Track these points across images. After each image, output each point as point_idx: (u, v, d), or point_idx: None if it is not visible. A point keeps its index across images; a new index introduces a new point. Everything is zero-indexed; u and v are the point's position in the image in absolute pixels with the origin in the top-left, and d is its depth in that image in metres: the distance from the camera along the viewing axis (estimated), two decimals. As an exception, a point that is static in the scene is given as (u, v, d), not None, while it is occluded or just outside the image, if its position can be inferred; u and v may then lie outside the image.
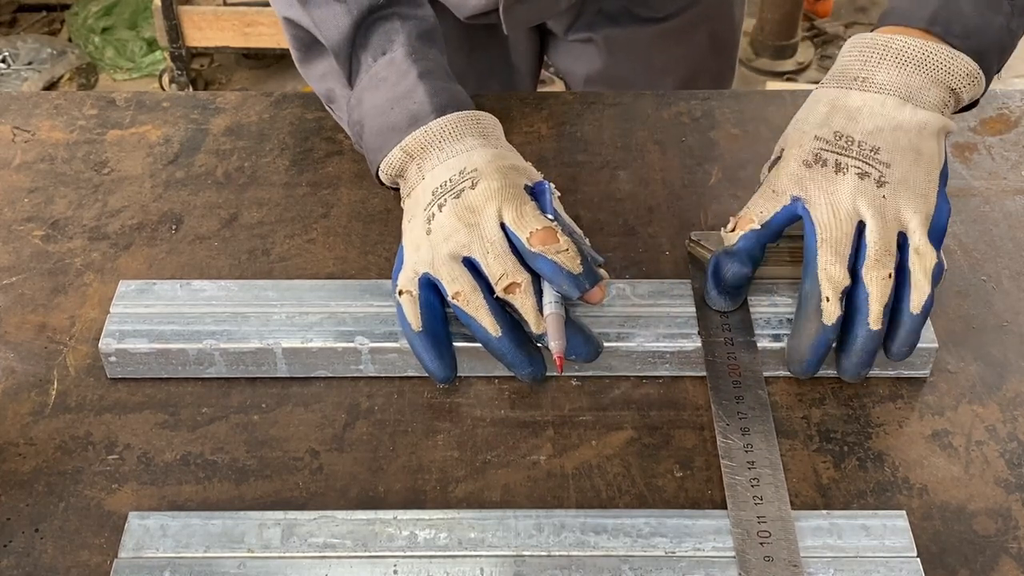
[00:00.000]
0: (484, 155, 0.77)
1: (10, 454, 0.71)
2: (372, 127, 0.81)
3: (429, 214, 0.75)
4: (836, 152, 0.74)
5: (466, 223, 0.73)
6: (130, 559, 0.63)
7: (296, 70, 0.92)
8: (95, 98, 1.01)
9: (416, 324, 0.72)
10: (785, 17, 2.88)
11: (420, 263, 0.74)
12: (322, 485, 0.69)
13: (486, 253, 0.72)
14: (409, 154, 0.78)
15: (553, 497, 0.68)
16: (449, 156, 0.77)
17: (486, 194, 0.74)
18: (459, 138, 0.78)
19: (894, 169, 0.73)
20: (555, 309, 0.71)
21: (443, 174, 0.76)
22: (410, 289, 0.73)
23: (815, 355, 0.72)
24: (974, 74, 0.76)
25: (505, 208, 0.73)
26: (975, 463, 0.70)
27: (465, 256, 0.73)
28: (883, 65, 0.76)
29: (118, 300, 0.77)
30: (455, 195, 0.74)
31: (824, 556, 0.63)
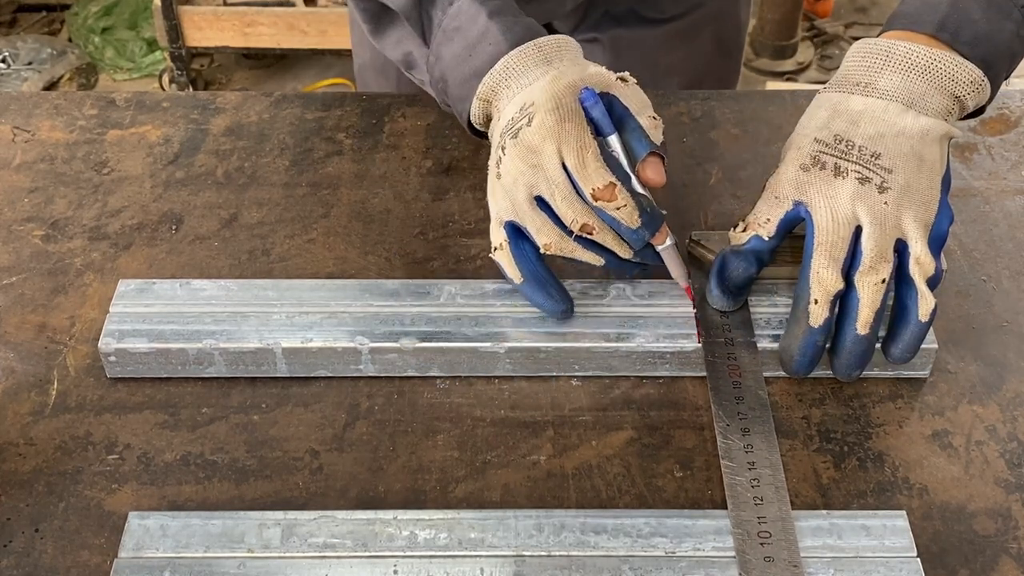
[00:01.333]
0: (542, 84, 0.76)
1: (10, 454, 0.71)
2: (455, 79, 0.80)
3: (496, 158, 0.76)
4: (835, 156, 0.74)
5: (529, 164, 0.74)
6: (130, 559, 0.63)
7: (296, 70, 0.93)
8: (95, 98, 1.01)
9: (517, 276, 0.75)
10: (785, 17, 2.88)
11: (502, 211, 0.75)
12: (322, 485, 0.69)
13: (553, 195, 0.73)
14: (486, 100, 0.79)
15: (553, 497, 0.68)
16: (515, 93, 0.77)
17: (541, 132, 0.74)
18: (524, 72, 0.78)
19: (896, 175, 0.73)
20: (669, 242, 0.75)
21: (509, 113, 0.77)
22: (501, 242, 0.75)
23: (803, 355, 0.72)
24: (979, 82, 0.76)
25: (565, 151, 0.73)
26: (975, 463, 0.70)
27: (536, 196, 0.74)
28: (886, 71, 0.76)
29: (118, 299, 0.77)
30: (513, 135, 0.75)
31: (824, 556, 0.63)
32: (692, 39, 1.16)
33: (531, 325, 0.75)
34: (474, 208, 0.89)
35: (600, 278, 0.79)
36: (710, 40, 1.18)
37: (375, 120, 0.98)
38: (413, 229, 0.87)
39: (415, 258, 0.85)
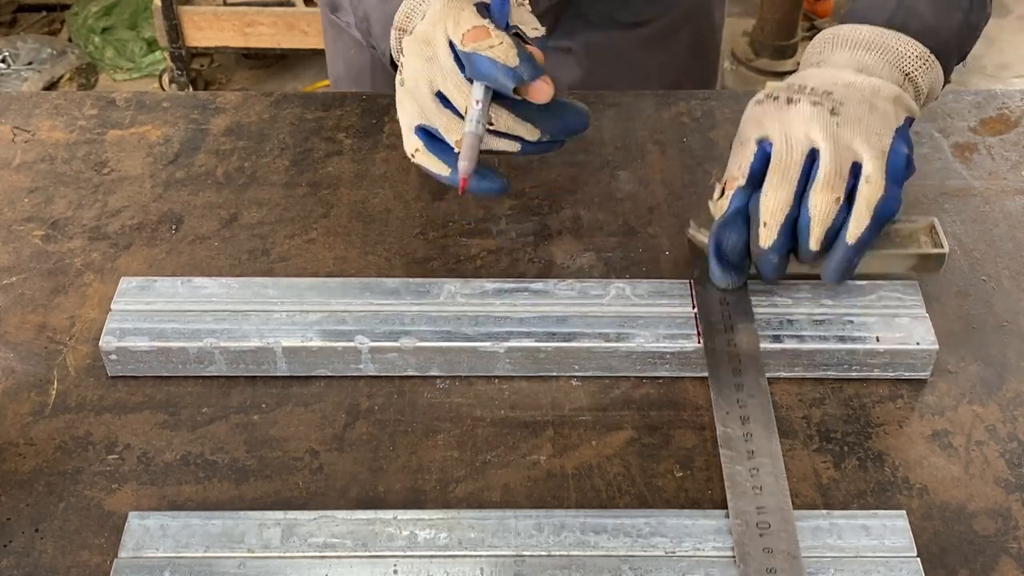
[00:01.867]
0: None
1: (10, 454, 0.71)
2: (377, 17, 0.81)
3: (400, 63, 0.75)
4: (788, 92, 0.76)
5: (425, 58, 0.74)
6: (130, 559, 0.63)
7: (296, 70, 0.92)
8: (95, 98, 1.01)
9: (443, 168, 0.74)
10: (785, 17, 2.88)
11: (410, 117, 0.75)
12: (322, 485, 0.69)
13: (448, 85, 0.73)
14: (402, 29, 0.79)
15: (553, 497, 0.68)
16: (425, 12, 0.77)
17: (432, 19, 0.74)
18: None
19: (847, 107, 0.75)
20: (474, 129, 0.72)
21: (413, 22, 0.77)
22: (417, 147, 0.75)
23: (765, 271, 0.75)
24: (925, 57, 0.78)
25: (449, 24, 0.73)
26: (975, 463, 0.70)
27: (437, 91, 0.73)
28: (837, 49, 0.80)
29: (119, 297, 0.77)
30: (409, 32, 0.76)
31: (824, 556, 0.63)
32: (667, 42, 1.16)
33: (531, 325, 0.75)
34: (474, 208, 0.89)
35: (600, 278, 0.79)
36: (686, 42, 1.17)
37: (375, 120, 0.98)
38: (413, 229, 0.87)
39: (415, 258, 0.85)
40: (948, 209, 0.88)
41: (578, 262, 0.84)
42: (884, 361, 0.74)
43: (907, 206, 0.87)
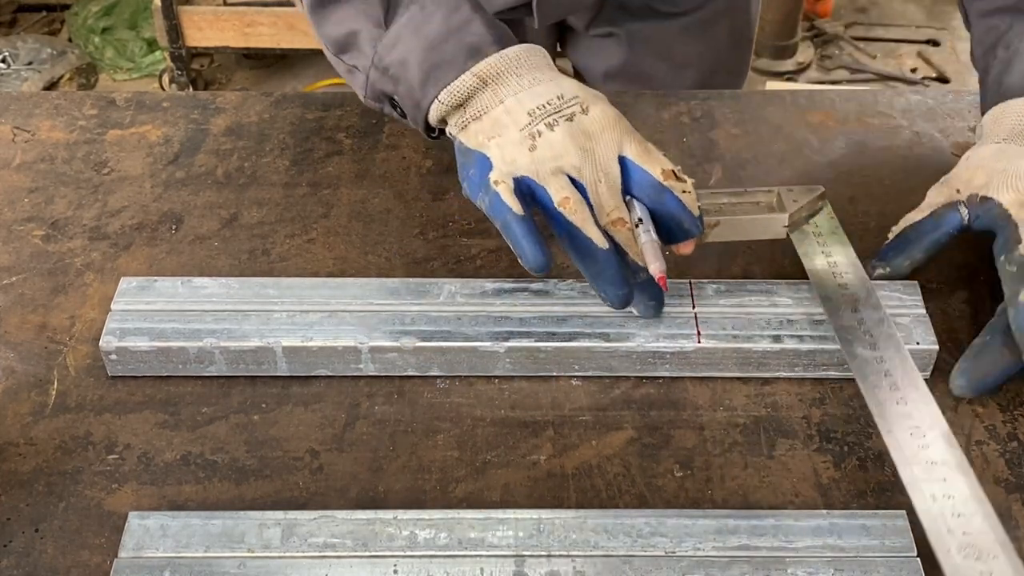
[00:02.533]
0: (575, 84, 0.76)
1: (10, 454, 0.71)
2: (421, 63, 0.77)
3: (533, 131, 0.73)
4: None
5: (580, 146, 0.73)
6: (130, 559, 0.63)
7: (295, 70, 0.92)
8: (95, 98, 1.01)
9: (518, 207, 0.71)
10: (785, 17, 2.88)
11: (519, 168, 0.73)
12: (322, 485, 0.69)
13: (598, 181, 0.73)
14: (482, 79, 0.76)
15: (553, 497, 0.68)
16: (533, 83, 0.76)
17: (603, 122, 0.74)
18: (536, 68, 0.77)
19: None
20: (653, 237, 0.73)
21: (533, 99, 0.75)
22: (506, 181, 0.72)
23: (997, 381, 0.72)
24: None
25: (627, 141, 0.74)
26: (975, 463, 0.70)
27: (573, 177, 0.73)
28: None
29: (119, 297, 0.77)
30: (567, 118, 0.74)
31: (824, 556, 0.63)
32: (706, 32, 1.17)
33: (531, 325, 0.75)
34: (474, 208, 0.89)
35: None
36: (724, 33, 1.18)
37: (375, 120, 0.98)
38: (413, 229, 0.87)
39: (415, 258, 0.85)
40: (948, 209, 0.88)
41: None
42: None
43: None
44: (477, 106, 0.76)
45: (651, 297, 0.74)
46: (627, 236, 0.73)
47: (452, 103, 0.77)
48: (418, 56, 0.77)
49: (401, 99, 0.79)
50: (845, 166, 0.93)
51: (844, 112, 0.99)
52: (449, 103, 0.77)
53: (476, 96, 0.76)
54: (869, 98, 1.01)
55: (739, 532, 0.64)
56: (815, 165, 0.94)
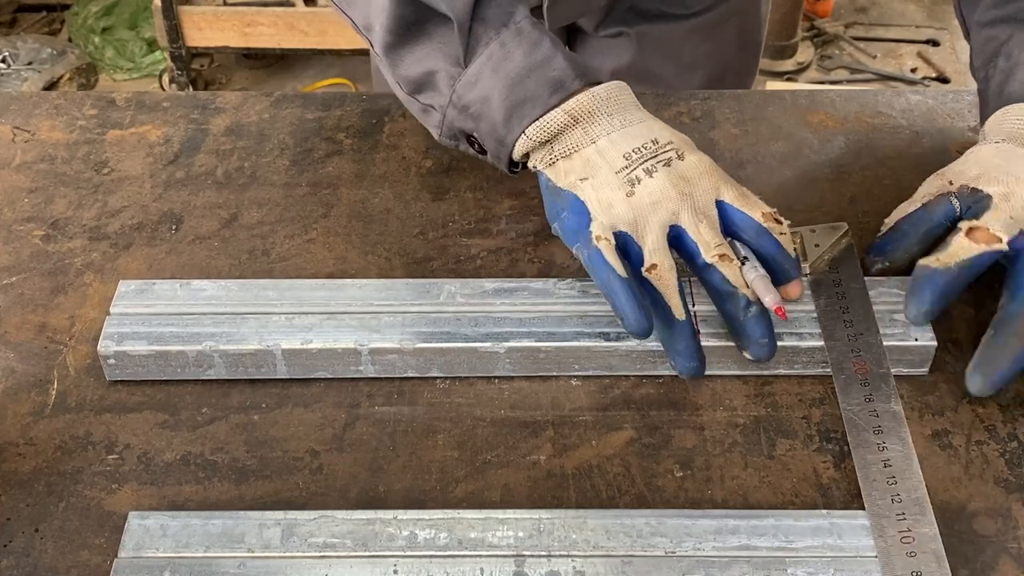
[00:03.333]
0: (667, 129, 0.77)
1: (10, 454, 0.71)
2: (504, 99, 0.77)
3: (631, 177, 0.74)
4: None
5: (680, 191, 0.73)
6: (130, 559, 0.63)
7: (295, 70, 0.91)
8: (95, 98, 1.01)
9: (621, 269, 0.71)
10: (785, 17, 2.88)
11: (618, 220, 0.73)
12: (322, 485, 0.69)
13: (699, 222, 0.73)
14: (573, 117, 0.76)
15: (553, 497, 0.68)
16: (624, 124, 0.76)
17: (700, 168, 0.75)
18: (625, 108, 0.77)
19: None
20: (763, 271, 0.73)
21: (628, 141, 0.75)
22: (608, 237, 0.73)
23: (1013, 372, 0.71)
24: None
25: (724, 187, 0.74)
26: (975, 463, 0.70)
27: (673, 224, 0.73)
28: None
29: (118, 301, 0.77)
30: (664, 163, 0.74)
31: (824, 556, 0.63)
32: (716, 34, 1.17)
33: (531, 325, 0.75)
34: (474, 208, 0.89)
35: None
36: (733, 34, 1.19)
37: (375, 120, 0.98)
38: (413, 229, 0.87)
39: (415, 258, 0.85)
40: (948, 209, 0.88)
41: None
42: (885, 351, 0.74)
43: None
44: (566, 143, 0.77)
45: (762, 334, 0.72)
46: (734, 272, 0.72)
47: (540, 139, 0.77)
48: (501, 93, 0.77)
49: (482, 136, 0.79)
50: (845, 166, 0.93)
51: (844, 112, 0.99)
52: (537, 139, 0.77)
53: (565, 133, 0.77)
54: (869, 98, 1.01)
55: (739, 532, 0.64)
56: (815, 165, 0.94)
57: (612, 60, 1.18)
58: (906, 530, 0.63)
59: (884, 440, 0.68)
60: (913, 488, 0.65)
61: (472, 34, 0.79)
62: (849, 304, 0.76)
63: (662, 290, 0.72)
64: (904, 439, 0.68)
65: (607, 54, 1.18)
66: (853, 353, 0.73)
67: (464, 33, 0.79)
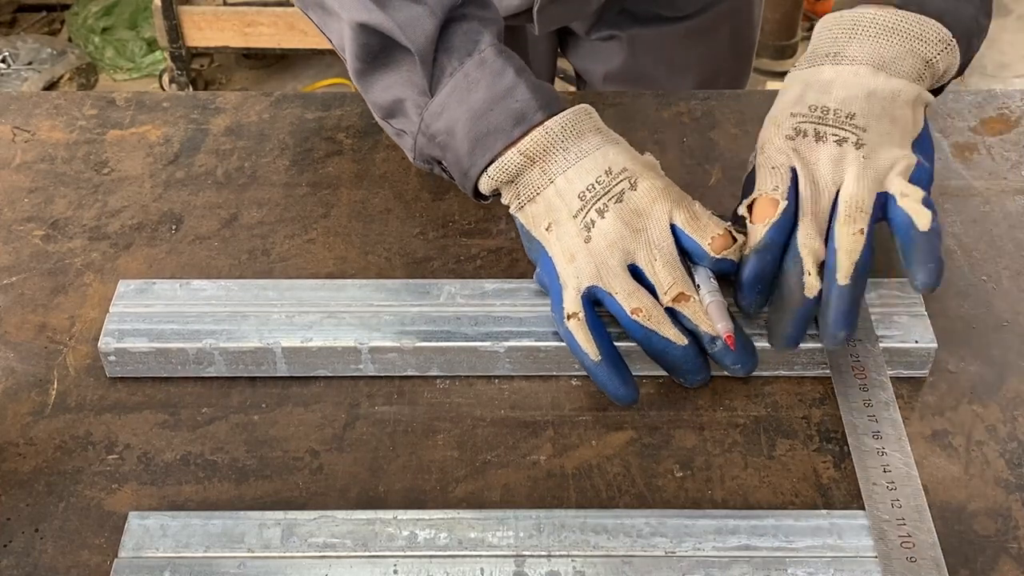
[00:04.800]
0: (620, 151, 0.76)
1: (10, 454, 0.71)
2: (467, 132, 0.76)
3: (586, 220, 0.73)
4: (814, 122, 0.75)
5: (633, 228, 0.72)
6: (130, 559, 0.63)
7: (295, 70, 0.91)
8: (95, 98, 1.01)
9: (595, 354, 0.71)
10: (785, 17, 2.88)
11: (583, 276, 0.72)
12: (322, 485, 0.69)
13: (653, 260, 0.72)
14: (528, 158, 0.75)
15: (553, 497, 0.68)
16: (578, 157, 0.75)
17: (652, 194, 0.73)
18: (581, 136, 0.76)
19: (870, 133, 0.74)
20: (717, 297, 0.72)
21: (583, 177, 0.74)
22: (577, 312, 0.72)
23: (797, 329, 0.72)
24: (947, 40, 0.77)
25: (676, 210, 0.73)
26: (975, 463, 0.70)
27: (631, 263, 0.72)
28: (855, 39, 0.78)
29: (118, 300, 0.77)
30: (616, 199, 0.73)
31: (824, 556, 0.63)
32: (709, 36, 1.17)
33: (531, 325, 0.75)
34: (474, 208, 0.89)
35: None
36: (726, 37, 1.18)
37: (375, 120, 0.98)
38: (413, 229, 0.87)
39: (415, 258, 0.85)
40: (948, 209, 0.88)
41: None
42: (883, 359, 0.74)
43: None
44: (529, 186, 0.76)
45: (734, 361, 0.72)
46: (693, 310, 0.71)
47: (502, 179, 0.76)
48: (464, 126, 0.76)
49: (449, 166, 0.79)
50: (845, 166, 0.93)
51: (844, 112, 0.99)
52: (499, 179, 0.76)
53: (525, 174, 0.76)
54: (869, 98, 1.01)
55: (739, 532, 0.64)
56: (815, 165, 0.93)
57: (604, 63, 1.18)
58: (906, 535, 0.63)
59: (884, 446, 0.68)
60: (912, 495, 0.65)
61: (437, 64, 0.78)
62: None
63: (656, 328, 0.71)
64: (903, 447, 0.68)
65: (599, 57, 1.18)
66: (852, 359, 0.73)
67: (428, 64, 0.78)
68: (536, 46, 1.17)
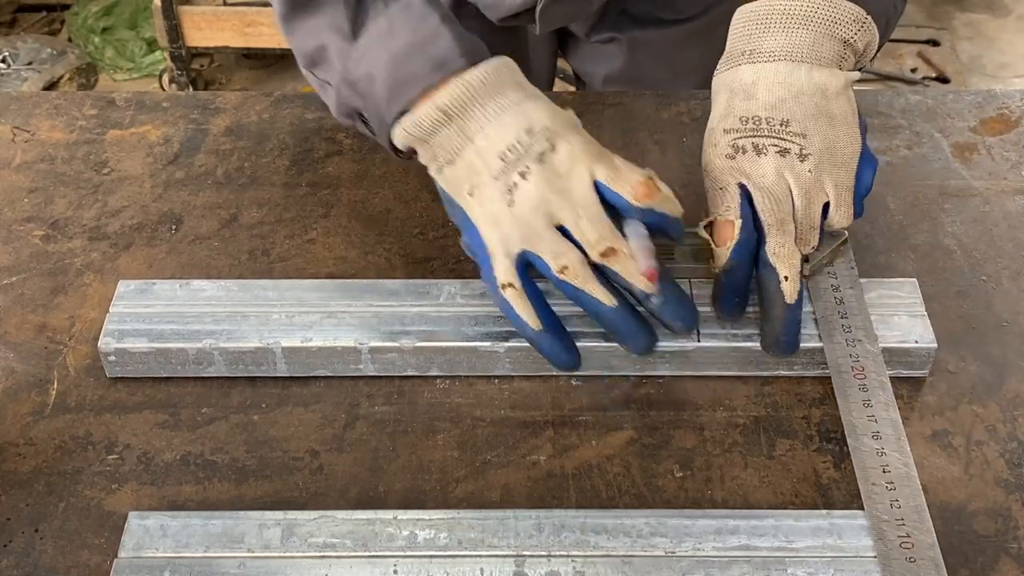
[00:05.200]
0: (540, 107, 0.74)
1: (10, 454, 0.71)
2: (386, 78, 0.74)
3: (508, 183, 0.71)
4: (749, 136, 0.75)
5: (556, 190, 0.71)
6: (130, 559, 0.63)
7: (295, 70, 0.91)
8: (95, 98, 1.01)
9: (535, 323, 0.71)
10: (785, 17, 2.88)
11: (511, 241, 0.71)
12: (322, 485, 0.69)
13: (578, 218, 0.70)
14: (445, 113, 0.73)
15: (553, 497, 0.68)
16: (497, 112, 0.73)
17: (572, 155, 0.72)
18: (500, 91, 0.74)
19: (812, 139, 0.74)
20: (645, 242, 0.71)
21: (503, 135, 0.72)
22: (512, 281, 0.71)
23: (789, 333, 0.73)
24: (861, 19, 0.76)
25: (597, 167, 0.72)
26: (975, 463, 0.70)
27: (557, 225, 0.71)
28: (769, 32, 0.77)
29: (118, 300, 0.77)
30: (536, 159, 0.71)
31: (824, 556, 0.63)
32: (709, 38, 1.16)
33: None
34: (474, 208, 0.89)
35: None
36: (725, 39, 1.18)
37: (375, 120, 0.98)
38: (413, 229, 0.87)
39: (415, 258, 0.85)
40: (948, 209, 0.88)
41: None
42: (887, 359, 0.74)
43: (906, 206, 0.87)
44: (446, 146, 0.74)
45: (672, 316, 0.71)
46: (623, 264, 0.70)
47: (417, 134, 0.74)
48: (384, 71, 0.75)
49: (369, 116, 0.78)
50: (845, 166, 0.93)
51: (844, 112, 0.99)
52: (415, 133, 0.74)
53: (441, 131, 0.74)
54: (869, 98, 1.01)
55: (739, 532, 0.64)
56: (815, 165, 0.93)
57: (604, 66, 1.18)
58: (905, 536, 0.63)
59: (883, 446, 0.68)
60: (911, 495, 0.65)
61: (360, 6, 0.77)
62: (847, 310, 0.76)
63: (582, 287, 0.70)
64: (903, 447, 0.68)
65: (599, 60, 1.18)
66: (852, 359, 0.73)
67: (351, 6, 0.77)
68: (536, 47, 1.17)
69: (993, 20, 3.07)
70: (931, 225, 0.87)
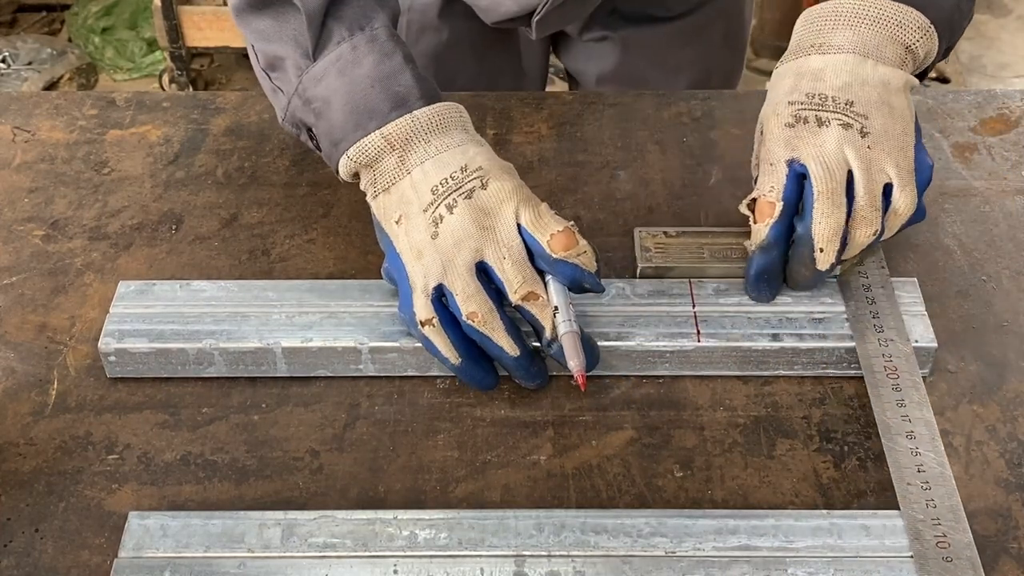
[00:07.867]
0: (481, 152, 0.75)
1: (10, 454, 0.71)
2: (344, 104, 0.76)
3: (435, 216, 0.73)
4: (814, 109, 0.76)
5: (480, 226, 0.72)
6: (130, 559, 0.63)
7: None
8: (95, 98, 1.01)
9: (454, 358, 0.72)
10: (785, 17, 2.88)
11: (430, 275, 0.72)
12: (322, 485, 0.69)
13: (502, 259, 0.72)
14: (390, 143, 0.75)
15: (553, 497, 0.68)
16: (439, 150, 0.75)
17: (500, 195, 0.73)
18: (446, 131, 0.76)
19: (872, 121, 0.75)
20: (572, 328, 0.71)
21: (438, 171, 0.74)
22: (430, 318, 0.72)
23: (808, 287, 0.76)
24: (926, 28, 0.78)
25: (522, 209, 0.73)
26: (975, 463, 0.70)
27: (479, 261, 0.72)
28: (838, 29, 0.79)
29: (118, 300, 0.77)
30: (465, 195, 0.73)
31: (824, 556, 0.63)
32: (700, 36, 1.17)
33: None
34: (474, 208, 0.89)
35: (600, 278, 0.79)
36: (718, 36, 1.18)
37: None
38: (413, 229, 0.87)
39: (415, 258, 0.85)
40: (948, 209, 0.88)
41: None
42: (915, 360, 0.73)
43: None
44: (386, 174, 0.76)
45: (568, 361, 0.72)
46: (540, 310, 0.72)
47: (361, 161, 0.76)
48: (342, 98, 0.76)
49: (319, 135, 0.79)
50: (845, 166, 0.93)
51: (844, 112, 0.99)
52: (357, 160, 0.76)
53: (383, 160, 0.76)
54: (869, 98, 1.01)
55: (739, 532, 0.64)
56: (815, 165, 0.93)
57: (597, 64, 1.18)
58: (941, 535, 0.63)
59: (917, 446, 0.68)
60: (947, 495, 0.65)
61: (325, 29, 0.78)
62: (879, 310, 0.75)
63: (489, 334, 0.71)
64: (937, 447, 0.68)
65: (592, 58, 1.18)
66: (884, 359, 0.73)
67: (315, 27, 0.78)
68: (528, 47, 1.17)
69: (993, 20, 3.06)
70: (931, 225, 0.87)
